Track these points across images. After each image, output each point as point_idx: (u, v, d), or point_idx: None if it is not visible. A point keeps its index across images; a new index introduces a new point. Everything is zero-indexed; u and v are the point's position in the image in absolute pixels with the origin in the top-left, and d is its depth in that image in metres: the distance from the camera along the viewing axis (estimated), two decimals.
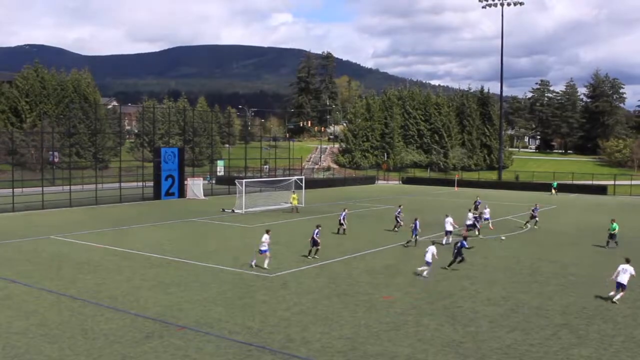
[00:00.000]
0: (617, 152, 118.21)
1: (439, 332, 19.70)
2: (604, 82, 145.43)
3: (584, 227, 47.37)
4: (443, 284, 26.50)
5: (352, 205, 60.01)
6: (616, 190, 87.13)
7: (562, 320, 21.34)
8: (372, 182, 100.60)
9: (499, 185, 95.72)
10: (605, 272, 29.90)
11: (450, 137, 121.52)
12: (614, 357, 17.77)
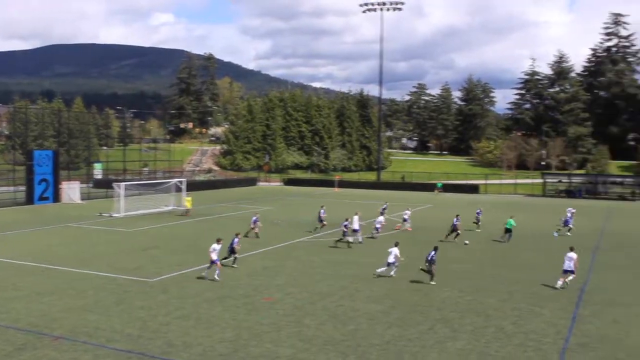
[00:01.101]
0: (488, 153, 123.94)
1: (320, 331, 19.91)
2: (476, 87, 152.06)
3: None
4: (323, 283, 26.80)
5: (233, 207, 59.73)
6: (487, 189, 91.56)
7: (438, 315, 22.11)
8: (254, 184, 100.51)
9: (378, 185, 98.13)
10: (486, 268, 31.32)
11: (330, 138, 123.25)
12: (485, 348, 18.60)
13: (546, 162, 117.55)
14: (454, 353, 18.12)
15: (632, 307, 23.87)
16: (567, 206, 54.98)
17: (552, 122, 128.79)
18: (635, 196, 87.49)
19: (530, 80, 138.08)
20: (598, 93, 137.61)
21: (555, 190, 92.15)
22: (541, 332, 20.35)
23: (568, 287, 26.57)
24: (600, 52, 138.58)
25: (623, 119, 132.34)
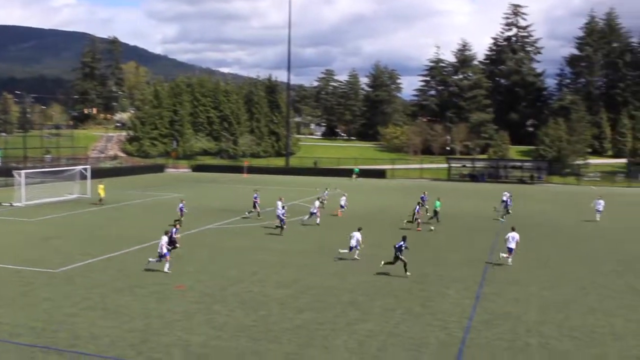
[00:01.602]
0: (395, 138, 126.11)
1: (230, 318, 19.93)
2: (383, 73, 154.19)
3: (371, 209, 50.09)
4: (234, 270, 26.77)
5: (140, 195, 58.63)
6: (394, 174, 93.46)
7: (349, 298, 22.52)
8: (161, 171, 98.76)
9: (287, 171, 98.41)
10: (387, 252, 31.98)
11: (239, 124, 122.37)
12: (394, 329, 19.12)
13: (450, 147, 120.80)
14: (364, 334, 18.54)
15: (530, 286, 25.03)
16: (472, 190, 56.90)
17: (456, 109, 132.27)
18: (534, 179, 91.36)
19: (435, 68, 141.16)
20: (499, 81, 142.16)
21: (459, 174, 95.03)
22: (447, 312, 21.09)
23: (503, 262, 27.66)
24: (501, 41, 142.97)
25: (522, 106, 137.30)
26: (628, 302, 23.11)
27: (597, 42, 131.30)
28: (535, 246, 34.77)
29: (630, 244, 36.43)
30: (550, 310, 21.60)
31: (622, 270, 28.77)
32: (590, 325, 20.05)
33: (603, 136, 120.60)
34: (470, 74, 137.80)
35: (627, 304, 22.85)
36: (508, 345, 17.92)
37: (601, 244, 36.22)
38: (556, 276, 27.12)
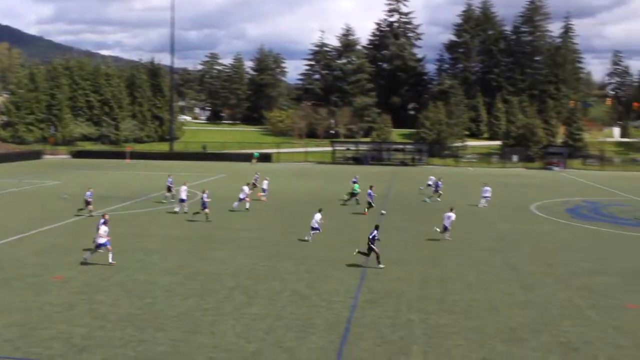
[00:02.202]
0: (280, 122, 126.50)
1: (114, 307, 19.47)
2: (268, 57, 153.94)
3: (290, 193, 50.00)
4: (118, 258, 26.08)
5: (16, 183, 56.01)
6: (280, 158, 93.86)
7: (235, 283, 22.51)
8: (39, 157, 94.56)
9: (171, 156, 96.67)
10: (281, 234, 32.14)
11: (121, 108, 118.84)
12: (281, 311, 19.31)
13: (335, 130, 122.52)
14: (250, 318, 18.62)
15: (411, 265, 25.91)
16: (356, 173, 57.94)
17: (340, 93, 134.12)
18: (415, 162, 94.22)
19: (320, 52, 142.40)
20: (382, 65, 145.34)
21: (343, 157, 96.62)
22: (333, 292, 21.50)
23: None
24: (383, 27, 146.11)
25: (404, 90, 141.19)
26: (503, 277, 24.36)
27: (474, 30, 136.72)
28: (417, 226, 35.93)
29: (505, 223, 38.32)
30: (431, 287, 22.47)
31: (498, 248, 30.25)
32: (468, 300, 21.01)
33: (479, 119, 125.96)
34: (354, 58, 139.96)
35: (503, 278, 24.09)
36: (391, 322, 18.50)
37: (478, 223, 37.91)
38: (437, 255, 28.19)
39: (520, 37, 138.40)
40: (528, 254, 28.79)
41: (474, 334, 17.75)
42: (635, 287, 23.33)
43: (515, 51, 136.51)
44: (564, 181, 71.24)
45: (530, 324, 18.67)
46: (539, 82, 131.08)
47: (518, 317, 19.31)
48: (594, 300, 21.35)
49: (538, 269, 25.73)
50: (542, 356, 16.21)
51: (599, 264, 27.06)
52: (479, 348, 16.65)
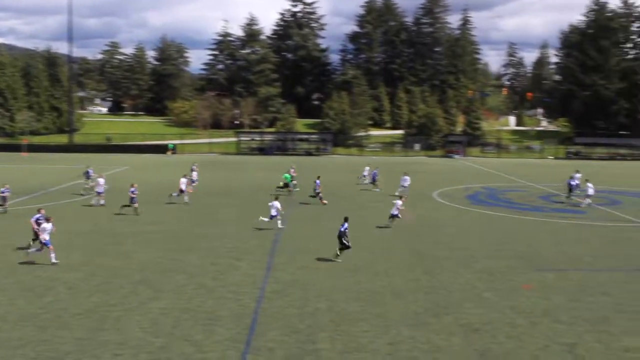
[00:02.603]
0: (184, 113, 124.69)
1: (13, 307, 18.77)
2: (170, 47, 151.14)
3: (155, 186, 49.16)
4: (16, 256, 25.12)
5: None
6: (184, 149, 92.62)
7: (140, 277, 22.13)
8: None
9: (71, 148, 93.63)
10: (187, 227, 31.77)
11: (16, 99, 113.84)
12: (187, 304, 19.15)
13: (239, 121, 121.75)
14: (157, 312, 18.38)
15: (318, 253, 26.17)
16: (261, 163, 57.99)
17: (245, 83, 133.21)
18: (320, 151, 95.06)
19: (223, 42, 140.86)
20: (286, 55, 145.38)
21: (248, 148, 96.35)
22: (239, 284, 21.48)
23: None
24: (287, 16, 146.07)
25: (308, 80, 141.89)
26: (408, 263, 24.99)
27: (376, 20, 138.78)
28: (325, 215, 36.31)
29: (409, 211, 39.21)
30: (338, 276, 22.80)
31: (402, 235, 30.97)
32: (374, 287, 21.45)
33: (382, 109, 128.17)
34: (258, 48, 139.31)
35: (407, 264, 24.71)
36: (298, 312, 18.68)
37: (384, 210, 38.62)
38: None
39: (421, 29, 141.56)
40: (431, 240, 29.65)
41: (380, 319, 18.16)
42: (529, 268, 24.44)
43: (416, 42, 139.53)
44: (464, 168, 73.60)
45: (433, 308, 19.27)
46: (439, 73, 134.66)
47: (422, 302, 19.89)
48: (492, 283, 22.24)
49: (441, 254, 26.55)
50: (444, 338, 16.78)
51: (497, 248, 28.18)
52: (385, 333, 17.06)
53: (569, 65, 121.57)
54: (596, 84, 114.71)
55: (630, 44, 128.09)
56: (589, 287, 21.95)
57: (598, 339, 16.91)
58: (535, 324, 18.00)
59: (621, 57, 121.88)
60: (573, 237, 31.29)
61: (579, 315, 18.83)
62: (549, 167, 78.73)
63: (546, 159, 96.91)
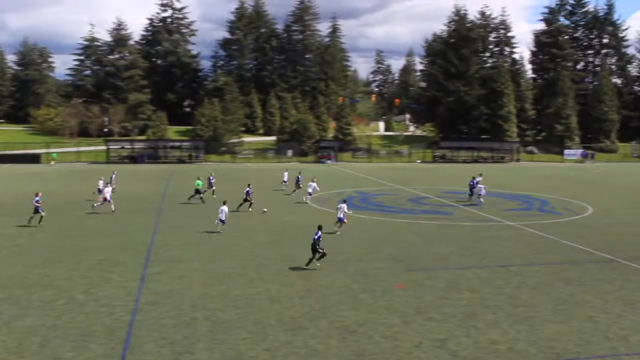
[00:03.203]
0: (49, 121, 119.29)
1: None
2: (33, 51, 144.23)
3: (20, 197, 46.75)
4: None
5: None
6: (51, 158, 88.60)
7: (4, 295, 20.95)
8: None
9: None
10: (54, 239, 30.35)
11: None
12: (56, 321, 18.29)
13: (108, 128, 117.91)
14: (23, 331, 17.46)
15: (193, 262, 25.83)
16: (133, 171, 56.50)
17: (113, 89, 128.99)
18: (192, 159, 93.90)
19: (90, 47, 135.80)
20: (156, 61, 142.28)
21: (118, 156, 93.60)
22: (112, 297, 20.80)
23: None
24: (156, 22, 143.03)
25: (179, 86, 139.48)
26: (282, 268, 25.12)
27: (247, 27, 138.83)
28: (196, 222, 35.82)
29: (282, 216, 39.48)
30: (214, 284, 22.58)
31: (276, 241, 31.11)
32: (250, 294, 21.40)
33: (255, 115, 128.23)
34: (126, 53, 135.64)
35: (281, 270, 24.84)
36: (175, 322, 18.32)
37: (257, 216, 38.65)
38: (218, 250, 28.36)
39: (292, 36, 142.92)
40: (304, 245, 29.89)
41: (257, 326, 18.14)
42: (401, 269, 25.23)
43: (287, 49, 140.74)
44: (336, 173, 74.93)
45: (309, 312, 19.48)
46: (310, 79, 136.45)
47: (298, 307, 20.05)
48: (367, 284, 22.77)
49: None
50: (321, 341, 16.99)
51: (370, 250, 28.89)
52: (262, 340, 17.06)
53: (434, 73, 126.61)
54: (459, 91, 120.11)
55: (488, 53, 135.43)
56: (457, 284, 22.95)
57: (467, 334, 17.71)
58: (409, 323, 18.60)
59: (481, 65, 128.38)
60: (441, 237, 32.58)
61: (448, 312, 19.64)
62: (417, 171, 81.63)
63: (414, 162, 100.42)
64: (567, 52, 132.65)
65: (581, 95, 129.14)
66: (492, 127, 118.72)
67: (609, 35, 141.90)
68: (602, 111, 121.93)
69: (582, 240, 31.90)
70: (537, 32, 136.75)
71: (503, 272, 24.85)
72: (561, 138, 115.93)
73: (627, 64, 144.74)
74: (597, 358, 16.18)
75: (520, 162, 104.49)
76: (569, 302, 20.95)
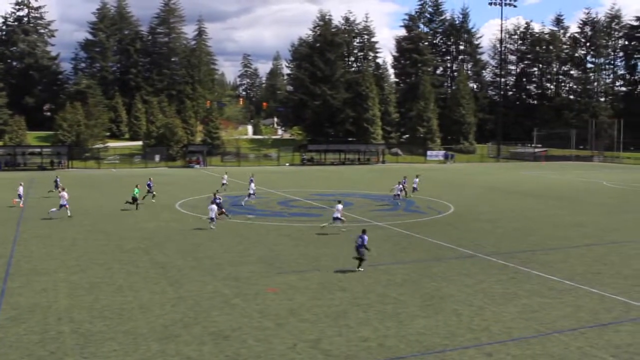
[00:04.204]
0: None
1: None
2: None
3: None
4: None
5: None
6: None
7: None
8: None
9: None
10: None
11: None
12: None
13: None
14: None
15: (58, 273, 24.79)
16: None
17: None
18: (54, 165, 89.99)
19: None
20: (12, 63, 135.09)
21: None
22: None
23: None
24: (11, 21, 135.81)
25: (38, 89, 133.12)
26: (152, 275, 24.62)
27: (110, 29, 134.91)
28: (59, 232, 34.42)
29: (151, 222, 38.66)
30: (81, 295, 21.77)
31: (145, 247, 30.43)
32: (119, 303, 20.82)
33: (120, 120, 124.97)
34: None
35: (151, 277, 24.34)
36: (40, 338, 17.51)
37: (123, 224, 37.64)
38: (83, 260, 27.37)
39: (157, 38, 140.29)
40: (175, 251, 29.49)
41: (128, 336, 17.69)
42: (273, 272, 25.41)
43: (152, 52, 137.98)
44: (205, 178, 74.21)
45: (182, 319, 19.22)
46: (177, 83, 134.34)
47: (170, 314, 19.73)
48: (239, 289, 22.75)
49: (186, 264, 26.54)
50: (195, 348, 16.82)
51: (242, 254, 28.86)
52: (134, 350, 16.65)
53: (300, 77, 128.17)
54: (325, 94, 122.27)
55: (353, 57, 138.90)
56: (329, 284, 23.41)
57: (339, 333, 18.11)
58: (282, 325, 18.77)
59: (346, 70, 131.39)
60: (311, 239, 33.06)
61: (321, 312, 20.00)
62: (285, 174, 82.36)
63: (283, 166, 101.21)
64: (427, 57, 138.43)
65: (441, 99, 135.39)
66: (358, 130, 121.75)
67: (464, 42, 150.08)
68: (461, 114, 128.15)
69: (445, 238, 33.44)
70: (398, 38, 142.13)
71: (372, 271, 25.57)
72: (423, 140, 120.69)
73: (481, 70, 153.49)
74: (462, 349, 17.01)
75: (385, 163, 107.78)
76: (435, 297, 21.91)
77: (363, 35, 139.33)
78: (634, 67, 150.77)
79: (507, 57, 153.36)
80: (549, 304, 21.24)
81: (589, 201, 52.42)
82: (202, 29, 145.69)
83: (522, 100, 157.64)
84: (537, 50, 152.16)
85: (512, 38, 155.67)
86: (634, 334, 18.32)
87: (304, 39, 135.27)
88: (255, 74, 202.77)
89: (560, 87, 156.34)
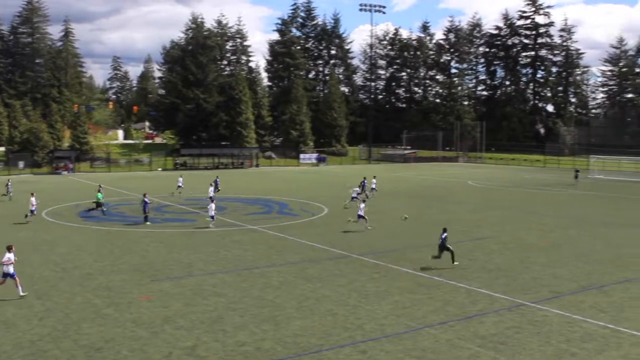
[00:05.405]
0: None
1: None
2: None
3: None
4: None
5: None
6: None
7: None
8: None
9: None
10: None
11: None
12: None
13: None
14: None
15: None
16: None
17: None
18: None
19: None
20: None
21: None
22: None
23: None
24: None
25: None
26: (12, 289, 23.39)
27: None
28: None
29: (18, 232, 36.85)
30: None
31: None
32: None
33: None
34: None
35: (11, 291, 23.11)
36: None
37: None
38: None
39: (19, 38, 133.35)
40: (40, 262, 28.25)
41: None
42: (147, 279, 24.93)
43: (14, 52, 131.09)
44: (73, 185, 71.42)
45: (50, 333, 18.49)
46: (42, 86, 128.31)
47: (37, 329, 18.92)
48: (111, 298, 22.15)
49: (53, 276, 25.52)
50: None
51: (113, 263, 28.08)
52: None
53: (172, 80, 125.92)
54: (198, 98, 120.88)
55: (226, 61, 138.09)
56: (204, 290, 23.24)
57: (215, 338, 18.05)
58: (157, 333, 18.46)
59: (219, 73, 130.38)
60: (184, 244, 32.66)
61: (196, 319, 19.83)
62: (158, 179, 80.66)
63: (155, 170, 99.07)
64: (300, 61, 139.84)
65: (314, 102, 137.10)
66: (231, 134, 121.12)
67: (336, 47, 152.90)
68: (333, 117, 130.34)
69: (319, 239, 34.00)
70: (271, 42, 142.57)
71: (248, 275, 25.63)
72: (297, 143, 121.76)
73: (352, 74, 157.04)
74: (337, 348, 17.39)
75: (259, 167, 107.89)
76: (310, 298, 22.26)
77: (236, 39, 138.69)
78: (493, 73, 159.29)
79: (377, 62, 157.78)
80: (419, 299, 22.12)
81: (455, 200, 54.90)
82: (68, 29, 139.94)
83: (392, 103, 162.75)
84: (406, 56, 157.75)
85: (382, 43, 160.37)
86: (497, 324, 19.44)
87: (176, 42, 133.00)
88: (125, 77, 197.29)
89: (427, 91, 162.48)
